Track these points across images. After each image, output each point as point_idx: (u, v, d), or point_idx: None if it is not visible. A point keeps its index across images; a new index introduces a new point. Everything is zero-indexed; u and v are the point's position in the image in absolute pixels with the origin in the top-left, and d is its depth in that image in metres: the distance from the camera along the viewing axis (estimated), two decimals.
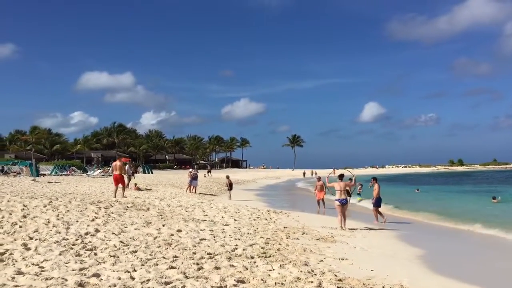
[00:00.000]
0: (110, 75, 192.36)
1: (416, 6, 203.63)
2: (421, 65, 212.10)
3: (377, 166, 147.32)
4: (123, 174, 19.71)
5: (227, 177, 27.61)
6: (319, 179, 22.47)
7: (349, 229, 13.32)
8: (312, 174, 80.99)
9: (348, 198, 14.26)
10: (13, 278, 5.73)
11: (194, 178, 26.84)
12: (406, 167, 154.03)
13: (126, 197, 18.47)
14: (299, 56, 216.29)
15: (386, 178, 70.47)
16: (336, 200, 13.89)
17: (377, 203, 16.30)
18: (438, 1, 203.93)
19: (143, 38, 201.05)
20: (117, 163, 19.92)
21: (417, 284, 6.93)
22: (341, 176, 14.41)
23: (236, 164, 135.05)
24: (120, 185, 19.16)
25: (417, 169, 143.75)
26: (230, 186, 26.81)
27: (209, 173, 53.31)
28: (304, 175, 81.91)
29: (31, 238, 8.28)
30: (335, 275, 7.02)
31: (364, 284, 6.61)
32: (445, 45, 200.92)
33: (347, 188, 14.14)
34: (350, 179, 16.63)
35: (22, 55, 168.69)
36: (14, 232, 8.75)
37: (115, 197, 18.18)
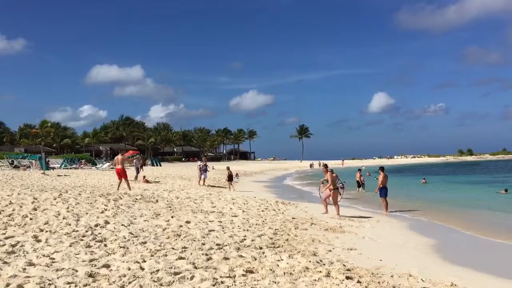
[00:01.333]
0: (120, 68, 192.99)
1: None
2: (430, 54, 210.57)
3: (388, 156, 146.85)
4: (124, 168, 19.61)
5: (227, 168, 27.68)
6: (331, 171, 22.46)
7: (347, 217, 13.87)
8: (320, 165, 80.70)
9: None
10: (24, 269, 5.79)
11: (204, 170, 26.85)
12: (415, 157, 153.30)
13: (130, 189, 18.51)
14: (308, 47, 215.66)
15: (395, 168, 70.27)
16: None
17: (383, 193, 16.16)
18: None
19: (153, 31, 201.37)
20: (119, 157, 19.98)
21: (426, 273, 6.91)
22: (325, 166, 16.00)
23: (244, 156, 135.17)
24: (123, 179, 19.20)
25: (426, 159, 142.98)
26: (229, 178, 26.89)
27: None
28: (311, 166, 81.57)
29: (41, 230, 8.36)
30: (344, 265, 7.03)
31: (372, 273, 6.61)
32: (455, 34, 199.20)
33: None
34: (359, 169, 16.69)
35: (33, 50, 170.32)
36: (25, 224, 8.84)
37: (118, 189, 18.27)
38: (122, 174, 19.26)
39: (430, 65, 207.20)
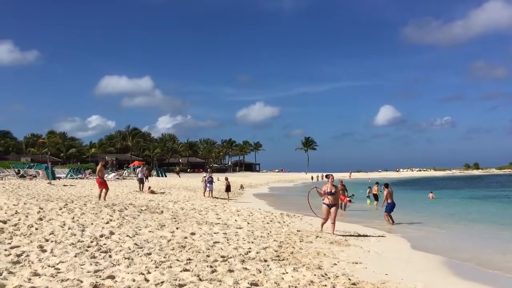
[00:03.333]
0: (129, 79, 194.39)
1: (432, 10, 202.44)
2: (437, 68, 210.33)
3: (397, 169, 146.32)
4: (103, 177, 18.78)
5: (226, 178, 27.75)
6: (340, 182, 22.53)
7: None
8: (322, 178, 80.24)
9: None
10: (30, 279, 5.80)
11: (210, 182, 26.87)
12: (420, 170, 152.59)
13: (103, 200, 17.73)
14: (314, 59, 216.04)
15: (400, 181, 69.94)
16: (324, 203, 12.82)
17: (389, 208, 16.37)
18: (454, 5, 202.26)
19: (162, 42, 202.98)
20: (98, 167, 19.55)
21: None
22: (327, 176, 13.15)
23: (249, 167, 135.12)
24: (103, 189, 18.40)
25: (432, 173, 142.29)
26: (227, 188, 26.92)
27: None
28: (312, 179, 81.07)
29: (47, 240, 8.38)
30: (349, 279, 6.99)
31: (378, 287, 6.57)
32: (461, 49, 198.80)
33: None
34: (377, 183, 16.70)
35: (44, 61, 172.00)
36: (31, 234, 8.86)
37: (99, 199, 17.73)
38: (99, 184, 18.62)
39: (437, 78, 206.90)
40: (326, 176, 13.13)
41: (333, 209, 12.66)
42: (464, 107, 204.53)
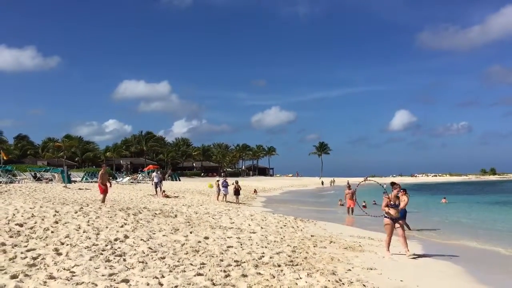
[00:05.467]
0: (147, 84, 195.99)
1: (449, 15, 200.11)
2: (453, 73, 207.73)
3: (415, 174, 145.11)
4: (103, 182, 18.65)
5: (236, 182, 27.77)
6: (349, 187, 22.39)
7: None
8: (331, 184, 79.77)
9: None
10: (45, 282, 5.86)
11: (225, 186, 26.89)
12: (436, 176, 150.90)
13: (102, 202, 17.68)
14: (330, 64, 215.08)
15: (415, 186, 69.21)
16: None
17: (403, 214, 16.10)
18: (471, 11, 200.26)
19: (180, 46, 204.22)
20: (101, 171, 19.46)
21: None
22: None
23: (263, 172, 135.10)
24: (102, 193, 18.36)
25: (447, 178, 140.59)
26: (236, 192, 26.94)
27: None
28: (322, 184, 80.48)
29: (62, 244, 8.45)
30: (364, 285, 6.92)
31: None
32: (478, 53, 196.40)
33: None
34: (404, 190, 16.39)
35: (64, 66, 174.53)
36: (46, 237, 8.95)
37: (102, 203, 17.50)
38: (101, 189, 18.56)
39: (453, 83, 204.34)
40: (392, 184, 10.95)
41: (398, 224, 10.68)
42: (481, 112, 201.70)
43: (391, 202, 10.63)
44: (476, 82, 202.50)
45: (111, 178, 49.11)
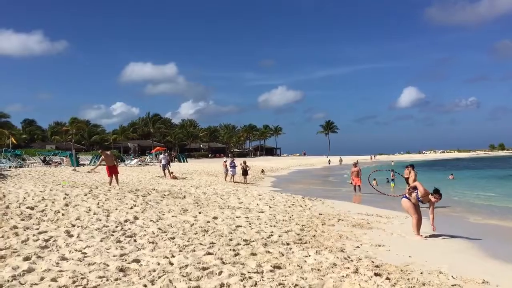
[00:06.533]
0: (154, 66, 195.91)
1: None
2: (461, 48, 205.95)
3: (423, 151, 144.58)
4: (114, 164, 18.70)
5: (244, 162, 27.84)
6: (355, 165, 22.38)
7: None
8: (340, 162, 79.46)
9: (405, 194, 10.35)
10: (58, 263, 5.95)
11: (232, 166, 26.95)
12: (444, 152, 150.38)
13: (110, 184, 17.68)
14: (337, 41, 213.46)
15: (424, 163, 69.07)
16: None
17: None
18: None
19: (187, 28, 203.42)
20: (103, 155, 19.08)
21: (457, 270, 6.77)
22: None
23: (270, 152, 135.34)
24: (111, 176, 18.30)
25: (455, 154, 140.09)
26: (244, 172, 27.03)
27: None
28: (329, 163, 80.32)
29: (73, 226, 8.57)
30: (372, 261, 6.96)
31: (401, 270, 6.53)
32: (487, 28, 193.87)
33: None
34: (409, 166, 16.31)
35: (71, 50, 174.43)
36: (57, 219, 9.07)
37: (110, 185, 17.51)
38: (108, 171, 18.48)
39: (461, 59, 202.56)
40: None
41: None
42: (490, 87, 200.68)
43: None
44: (485, 57, 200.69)
45: (119, 160, 49.52)
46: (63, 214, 9.62)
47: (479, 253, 8.53)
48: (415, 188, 10.13)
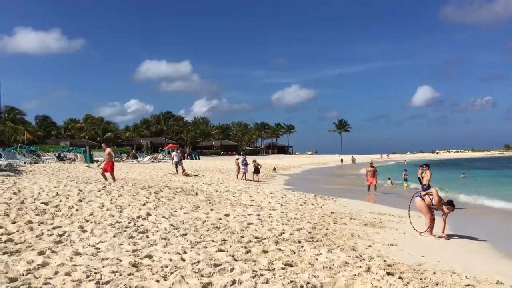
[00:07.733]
0: (169, 64, 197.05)
1: None
2: (477, 47, 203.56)
3: (437, 151, 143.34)
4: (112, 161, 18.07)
5: (254, 161, 27.88)
6: (371, 164, 22.27)
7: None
8: (353, 161, 78.80)
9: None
10: (71, 258, 6.02)
11: (244, 164, 27.02)
12: (458, 151, 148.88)
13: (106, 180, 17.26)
14: (350, 39, 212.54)
15: (436, 163, 68.46)
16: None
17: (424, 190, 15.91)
18: None
19: (201, 26, 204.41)
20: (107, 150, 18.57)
21: (470, 270, 6.70)
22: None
23: (282, 150, 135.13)
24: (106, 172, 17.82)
25: (469, 154, 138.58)
26: (256, 170, 27.08)
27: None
28: (342, 162, 79.80)
29: (87, 221, 8.66)
30: (384, 260, 6.92)
31: (414, 269, 6.49)
32: (503, 27, 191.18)
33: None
34: (423, 166, 16.21)
35: (88, 49, 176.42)
36: (71, 215, 9.17)
37: (106, 180, 17.22)
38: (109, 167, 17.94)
39: (477, 58, 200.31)
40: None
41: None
42: (506, 86, 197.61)
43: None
44: (501, 56, 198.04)
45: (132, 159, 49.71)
46: (77, 210, 9.73)
47: (493, 253, 8.45)
48: (430, 193, 10.08)
